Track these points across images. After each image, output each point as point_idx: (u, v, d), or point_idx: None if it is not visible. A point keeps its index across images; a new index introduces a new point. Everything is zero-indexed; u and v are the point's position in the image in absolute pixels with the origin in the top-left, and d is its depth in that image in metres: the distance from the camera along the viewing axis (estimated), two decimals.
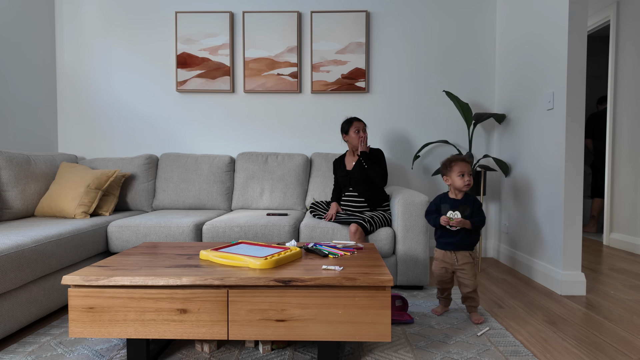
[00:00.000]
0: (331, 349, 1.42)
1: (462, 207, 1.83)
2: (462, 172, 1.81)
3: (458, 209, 1.83)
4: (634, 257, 3.15)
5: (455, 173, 1.82)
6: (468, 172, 1.81)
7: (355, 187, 2.46)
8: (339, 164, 2.61)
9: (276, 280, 1.32)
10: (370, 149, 2.51)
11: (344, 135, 2.53)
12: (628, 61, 3.42)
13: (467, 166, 1.82)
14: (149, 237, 2.30)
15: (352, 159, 2.55)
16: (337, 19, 3.10)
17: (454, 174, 1.83)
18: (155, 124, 3.22)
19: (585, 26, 2.20)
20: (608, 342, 1.64)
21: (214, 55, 3.14)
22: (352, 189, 2.48)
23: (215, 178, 2.91)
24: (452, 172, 1.83)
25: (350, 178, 2.48)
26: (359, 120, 2.51)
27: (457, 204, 1.84)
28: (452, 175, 1.84)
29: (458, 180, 1.82)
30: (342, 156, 2.64)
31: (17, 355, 1.52)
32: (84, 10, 3.18)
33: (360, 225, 2.20)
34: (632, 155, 3.38)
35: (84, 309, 1.35)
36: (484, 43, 3.15)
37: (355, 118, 2.51)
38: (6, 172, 2.31)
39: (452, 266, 1.85)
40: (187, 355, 1.52)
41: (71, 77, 3.21)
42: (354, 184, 2.46)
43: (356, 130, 2.46)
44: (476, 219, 1.82)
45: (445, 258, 1.86)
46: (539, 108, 2.50)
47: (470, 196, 1.86)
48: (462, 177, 1.81)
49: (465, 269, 1.83)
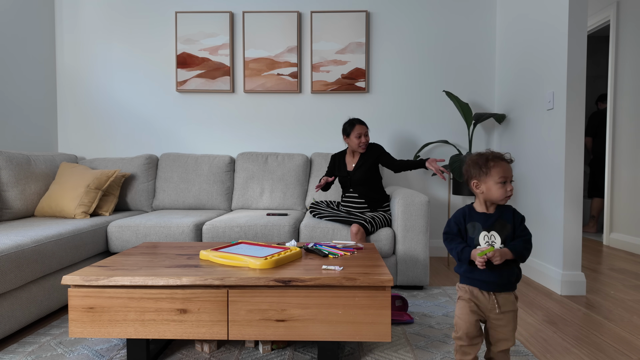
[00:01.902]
0: (331, 349, 1.42)
1: (500, 225, 1.24)
2: (504, 177, 1.22)
3: (495, 229, 1.25)
4: (634, 257, 3.15)
5: (495, 179, 1.22)
6: (511, 177, 1.25)
7: (356, 188, 2.45)
8: (338, 161, 2.58)
9: (276, 280, 1.32)
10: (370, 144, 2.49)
11: (345, 136, 2.49)
12: (628, 61, 3.42)
13: (510, 169, 1.26)
14: (149, 237, 2.30)
15: (352, 159, 2.53)
16: (337, 19, 3.10)
17: (492, 180, 1.23)
18: (155, 124, 3.22)
19: (585, 26, 2.20)
20: (608, 342, 1.63)
21: (214, 55, 3.14)
22: (352, 190, 2.47)
23: (215, 178, 2.91)
24: (490, 176, 1.23)
25: (350, 179, 2.47)
26: (361, 124, 2.43)
27: (491, 222, 1.25)
28: (488, 182, 1.23)
29: (497, 189, 1.22)
30: (342, 154, 2.60)
31: (17, 355, 1.52)
32: (84, 10, 3.18)
33: (361, 225, 2.19)
34: (632, 155, 3.38)
35: (84, 309, 1.35)
36: (484, 43, 3.15)
37: (358, 121, 2.44)
38: (6, 172, 2.31)
39: (489, 313, 1.24)
40: (187, 355, 1.52)
41: (71, 77, 3.21)
42: (355, 185, 2.46)
43: (358, 135, 2.41)
44: (520, 242, 1.23)
45: (481, 301, 1.24)
46: (539, 108, 2.50)
47: (508, 207, 1.28)
48: (504, 185, 1.22)
49: (507, 319, 1.24)
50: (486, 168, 1.24)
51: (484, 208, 1.28)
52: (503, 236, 1.23)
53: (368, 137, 2.45)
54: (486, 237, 1.24)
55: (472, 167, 1.27)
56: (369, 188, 2.44)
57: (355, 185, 2.45)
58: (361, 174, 2.43)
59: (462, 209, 1.32)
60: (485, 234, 1.24)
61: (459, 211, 1.32)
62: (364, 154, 2.47)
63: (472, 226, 1.27)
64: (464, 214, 1.30)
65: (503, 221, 1.25)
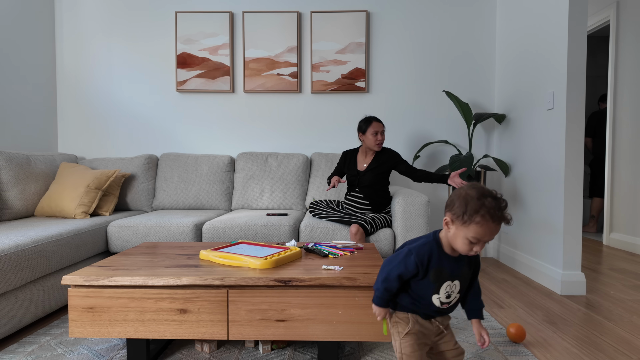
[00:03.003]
0: (331, 349, 1.42)
1: (465, 272, 1.06)
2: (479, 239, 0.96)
3: (459, 277, 1.05)
4: (634, 257, 3.15)
5: (468, 234, 0.96)
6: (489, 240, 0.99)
7: (363, 189, 2.42)
8: (349, 158, 2.53)
9: (276, 280, 1.32)
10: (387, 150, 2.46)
11: (360, 134, 2.44)
12: (628, 61, 3.42)
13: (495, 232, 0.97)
14: (149, 237, 2.30)
15: (364, 159, 2.49)
16: (337, 19, 3.10)
17: (464, 234, 0.97)
18: (155, 124, 3.22)
19: (585, 26, 2.20)
20: (608, 342, 1.63)
21: (214, 55, 3.14)
22: (358, 190, 2.44)
23: (215, 178, 2.91)
24: (465, 229, 0.96)
25: (359, 180, 2.43)
26: (378, 121, 2.41)
27: (459, 269, 1.04)
28: (460, 231, 0.97)
29: (464, 244, 0.97)
30: (355, 151, 2.55)
31: (17, 355, 1.52)
32: (84, 10, 3.18)
33: (361, 226, 2.19)
34: (632, 155, 3.38)
35: (84, 309, 1.35)
36: (484, 43, 3.15)
37: (375, 118, 2.41)
38: (6, 172, 2.31)
39: (434, 337, 1.10)
40: (187, 355, 1.52)
41: (71, 77, 3.21)
42: (362, 186, 2.42)
43: (374, 133, 2.37)
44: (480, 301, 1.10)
45: (426, 327, 1.08)
46: (539, 108, 2.50)
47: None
48: (473, 245, 0.97)
49: (450, 330, 1.12)
50: (469, 218, 0.95)
51: (451, 249, 1.03)
52: (464, 285, 1.06)
53: (384, 136, 2.41)
54: (448, 286, 1.03)
55: (458, 201, 0.97)
56: (375, 191, 2.41)
57: (363, 186, 2.43)
58: (371, 177, 2.40)
59: (429, 246, 1.02)
60: (449, 284, 1.03)
61: (424, 248, 1.02)
62: (378, 157, 2.43)
63: (438, 273, 1.02)
64: (430, 254, 1.01)
65: (467, 268, 1.06)
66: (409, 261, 1.01)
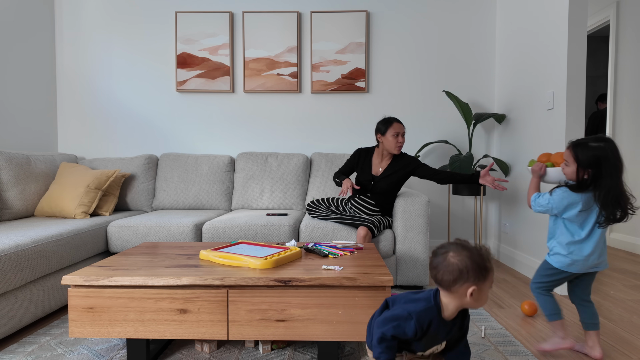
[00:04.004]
0: (331, 349, 1.42)
1: (455, 334, 1.07)
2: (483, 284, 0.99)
3: (449, 340, 1.08)
4: (634, 257, 3.15)
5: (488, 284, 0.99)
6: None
7: (375, 195, 2.33)
8: (364, 158, 2.41)
9: (276, 280, 1.32)
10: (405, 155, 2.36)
11: (379, 135, 2.32)
12: (628, 61, 3.42)
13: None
14: (149, 237, 2.30)
15: (380, 163, 2.38)
16: (337, 19, 3.10)
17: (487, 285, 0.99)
18: (155, 124, 3.22)
19: (585, 26, 2.20)
20: (608, 342, 1.63)
21: (214, 55, 3.14)
22: (370, 195, 2.35)
23: (215, 178, 2.91)
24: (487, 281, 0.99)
25: (373, 185, 2.33)
26: (399, 122, 2.29)
27: (452, 332, 1.05)
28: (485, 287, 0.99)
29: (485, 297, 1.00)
30: (370, 151, 2.42)
31: (17, 355, 1.52)
32: (84, 10, 3.18)
33: (369, 229, 2.15)
34: (632, 155, 3.38)
35: (84, 309, 1.35)
36: (484, 43, 3.15)
37: (395, 119, 2.30)
38: (6, 172, 2.31)
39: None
40: (187, 355, 1.52)
41: (71, 77, 3.21)
42: (375, 192, 2.33)
43: (395, 134, 2.25)
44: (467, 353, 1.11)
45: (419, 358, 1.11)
46: (539, 108, 2.50)
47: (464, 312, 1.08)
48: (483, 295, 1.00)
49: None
50: (485, 272, 0.97)
51: (448, 314, 1.01)
52: (449, 345, 1.07)
53: (404, 138, 2.27)
54: (436, 347, 1.05)
55: (472, 269, 0.96)
56: (387, 197, 2.34)
57: (376, 192, 2.33)
58: (387, 184, 2.30)
59: (430, 312, 0.99)
60: (437, 346, 1.05)
61: (426, 315, 0.99)
62: (396, 163, 2.33)
63: (432, 339, 1.01)
64: (431, 320, 0.99)
65: (458, 332, 1.07)
66: (409, 326, 0.98)
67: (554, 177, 1.51)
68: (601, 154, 1.34)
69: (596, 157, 1.34)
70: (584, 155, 1.35)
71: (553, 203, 1.44)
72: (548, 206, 1.46)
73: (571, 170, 1.40)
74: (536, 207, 1.49)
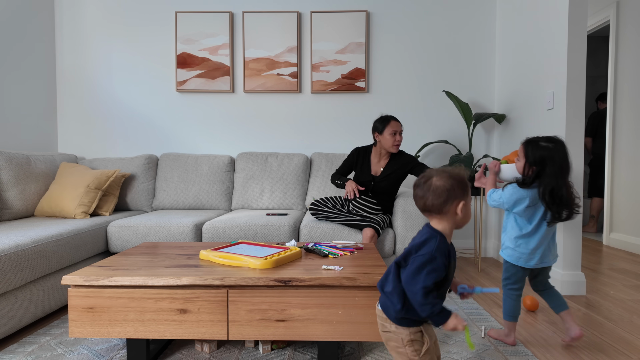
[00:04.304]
0: (331, 349, 1.42)
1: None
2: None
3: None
4: (634, 257, 3.15)
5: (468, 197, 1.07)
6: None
7: (377, 195, 2.34)
8: (362, 157, 2.41)
9: (276, 280, 1.32)
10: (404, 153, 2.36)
11: (377, 134, 2.32)
12: (628, 61, 3.42)
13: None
14: (149, 237, 2.30)
15: (379, 163, 2.38)
16: (337, 19, 3.10)
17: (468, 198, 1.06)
18: (155, 124, 3.22)
19: (585, 26, 2.20)
20: (608, 342, 1.63)
21: (214, 55, 3.14)
22: (372, 194, 2.35)
23: (215, 178, 2.91)
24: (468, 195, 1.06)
25: (374, 185, 2.33)
26: (396, 121, 2.29)
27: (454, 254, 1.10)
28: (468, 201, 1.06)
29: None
30: (368, 151, 2.42)
31: (17, 355, 1.52)
32: (84, 10, 3.18)
33: (375, 230, 2.15)
34: (632, 155, 3.38)
35: (84, 309, 1.35)
36: (484, 43, 3.15)
37: (393, 117, 2.30)
38: (6, 172, 2.31)
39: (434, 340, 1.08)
40: (187, 355, 1.52)
41: (71, 77, 3.21)
42: (376, 192, 2.33)
43: (393, 133, 2.26)
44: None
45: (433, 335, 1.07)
46: (539, 108, 2.50)
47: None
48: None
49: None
50: (466, 186, 1.04)
51: (450, 238, 1.05)
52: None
53: (402, 136, 2.29)
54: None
55: (457, 187, 1.02)
56: (388, 196, 2.35)
57: (377, 192, 2.34)
58: (387, 184, 2.31)
59: (441, 243, 1.01)
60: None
61: (441, 247, 1.00)
62: (394, 161, 2.34)
63: (453, 265, 1.05)
64: (448, 250, 1.01)
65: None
66: (438, 265, 0.97)
67: (506, 174, 1.61)
68: (547, 154, 1.44)
69: (542, 156, 1.45)
70: (531, 153, 1.47)
71: (504, 198, 1.55)
72: (500, 201, 1.57)
73: (520, 165, 1.52)
74: (490, 201, 1.61)
